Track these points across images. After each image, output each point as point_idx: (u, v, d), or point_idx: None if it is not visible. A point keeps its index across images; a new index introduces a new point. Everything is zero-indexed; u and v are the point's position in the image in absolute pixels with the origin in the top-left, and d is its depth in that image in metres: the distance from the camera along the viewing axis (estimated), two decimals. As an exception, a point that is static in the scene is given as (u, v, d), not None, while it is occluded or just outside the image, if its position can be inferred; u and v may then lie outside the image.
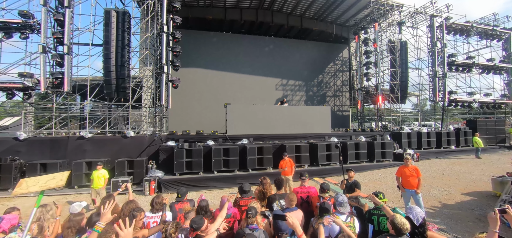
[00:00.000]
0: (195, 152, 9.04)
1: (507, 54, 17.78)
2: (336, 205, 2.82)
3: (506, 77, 17.91)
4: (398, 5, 16.08)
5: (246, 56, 17.75)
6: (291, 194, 3.25)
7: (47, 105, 10.54)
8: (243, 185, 3.88)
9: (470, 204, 6.46)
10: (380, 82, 15.65)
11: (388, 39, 16.19)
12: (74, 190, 8.32)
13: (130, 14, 10.50)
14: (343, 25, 19.52)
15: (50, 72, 8.94)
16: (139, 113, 12.49)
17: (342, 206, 2.76)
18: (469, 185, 8.09)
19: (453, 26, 16.19)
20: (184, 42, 13.63)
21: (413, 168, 5.48)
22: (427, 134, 13.95)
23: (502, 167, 9.68)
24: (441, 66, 15.49)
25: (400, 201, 6.67)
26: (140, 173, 8.73)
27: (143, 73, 12.10)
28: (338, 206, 2.79)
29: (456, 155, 13.77)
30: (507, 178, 6.48)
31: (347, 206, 2.78)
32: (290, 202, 3.16)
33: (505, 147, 15.43)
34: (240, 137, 10.68)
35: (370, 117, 19.40)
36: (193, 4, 16.06)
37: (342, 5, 16.90)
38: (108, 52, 9.75)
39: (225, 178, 9.01)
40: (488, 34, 17.40)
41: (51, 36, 9.06)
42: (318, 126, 12.77)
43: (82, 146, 9.16)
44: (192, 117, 15.19)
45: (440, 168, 10.77)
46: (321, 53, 19.74)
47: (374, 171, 10.66)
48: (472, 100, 16.47)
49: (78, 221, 2.72)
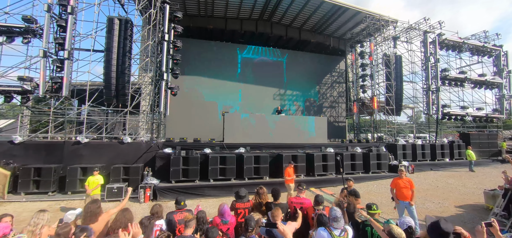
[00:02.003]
0: (191, 160, 9.05)
1: (497, 70, 18.36)
2: (330, 219, 2.81)
3: (497, 92, 18.41)
4: (392, 20, 16.64)
5: (245, 65, 18.04)
6: (276, 210, 3.09)
7: (44, 109, 10.51)
8: (239, 190, 3.96)
9: (463, 217, 6.55)
10: (376, 94, 16.02)
11: (383, 53, 16.66)
12: (68, 196, 8.21)
13: (132, 22, 10.69)
14: (340, 38, 20.04)
15: (49, 76, 8.99)
16: (136, 119, 12.49)
17: (336, 221, 2.75)
18: (463, 198, 8.21)
19: (446, 42, 16.74)
20: (185, 50, 13.86)
21: (407, 180, 5.56)
22: (422, 146, 14.16)
23: (494, 181, 9.84)
24: (434, 80, 15.91)
25: (394, 213, 6.74)
26: (135, 179, 8.67)
27: (143, 80, 12.20)
28: (332, 221, 2.77)
29: (450, 167, 13.95)
30: (499, 192, 6.62)
31: (342, 221, 2.77)
32: (274, 218, 3.01)
33: (498, 160, 15.69)
34: (237, 146, 10.73)
35: (366, 128, 19.64)
36: (195, 14, 16.42)
37: (339, 19, 17.43)
38: (109, 59, 9.86)
39: (221, 186, 8.99)
40: (479, 50, 18.01)
41: (53, 41, 9.17)
42: (315, 136, 12.90)
43: (78, 151, 9.11)
44: (190, 125, 15.23)
45: (435, 180, 10.89)
46: (318, 65, 20.15)
47: (369, 182, 10.74)
48: (465, 114, 16.84)
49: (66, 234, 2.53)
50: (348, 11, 16.46)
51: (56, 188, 8.43)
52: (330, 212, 2.91)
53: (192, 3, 15.41)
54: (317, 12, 16.79)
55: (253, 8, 16.21)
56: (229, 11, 16.41)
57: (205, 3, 15.34)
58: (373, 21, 16.10)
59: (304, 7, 16.32)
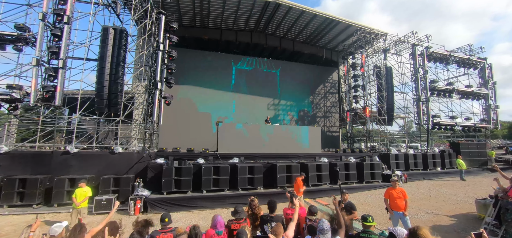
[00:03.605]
0: (184, 170, 8.88)
1: (483, 82, 19.09)
2: (318, 231, 2.80)
3: (484, 103, 19.06)
4: (382, 34, 17.26)
5: (240, 75, 18.21)
6: (277, 227, 3.05)
7: (33, 118, 10.24)
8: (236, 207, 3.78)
9: (457, 226, 6.58)
10: (368, 104, 16.34)
11: (374, 64, 17.14)
12: (54, 209, 7.87)
13: (127, 32, 10.73)
14: (332, 49, 20.59)
15: (41, 85, 8.82)
16: (129, 129, 12.28)
17: (322, 234, 2.74)
18: (455, 207, 8.28)
19: (433, 55, 17.40)
20: (180, 60, 13.92)
21: (400, 190, 5.58)
22: (414, 156, 14.37)
23: (485, 190, 9.99)
24: (424, 91, 16.38)
25: (388, 224, 6.73)
26: (126, 191, 8.41)
27: (136, 89, 12.12)
28: (319, 233, 2.76)
29: (442, 176, 14.14)
30: (489, 201, 6.71)
31: (328, 234, 2.76)
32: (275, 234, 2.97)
33: (487, 169, 16.01)
34: (231, 156, 10.63)
35: (359, 138, 19.86)
36: (190, 24, 16.64)
37: (332, 31, 17.98)
38: (103, 67, 9.79)
39: (214, 197, 8.81)
40: (465, 63, 18.76)
41: (46, 49, 9.07)
42: (309, 146, 12.94)
43: (67, 161, 8.82)
44: (183, 135, 15.07)
45: (428, 190, 10.99)
46: (311, 75, 20.54)
47: (363, 192, 10.74)
48: (454, 123, 17.29)
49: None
50: (340, 24, 17.01)
51: (42, 200, 8.07)
52: (318, 224, 2.88)
53: (187, 14, 15.64)
54: (310, 24, 17.28)
55: (248, 20, 16.57)
56: (224, 22, 16.71)
57: (201, 14, 15.60)
58: (363, 34, 16.66)
59: (297, 20, 16.79)
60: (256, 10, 15.69)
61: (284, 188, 9.61)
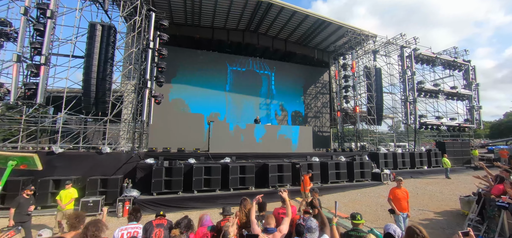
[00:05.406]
0: (175, 170, 8.74)
1: (467, 83, 19.86)
2: (305, 229, 2.82)
3: (468, 104, 19.84)
4: (372, 35, 17.62)
5: (232, 75, 18.12)
6: (269, 217, 3.21)
7: (16, 116, 9.80)
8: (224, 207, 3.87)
9: (442, 223, 6.80)
10: (358, 104, 16.67)
11: (364, 65, 17.48)
12: (36, 212, 7.53)
13: (116, 28, 10.43)
14: (324, 50, 20.84)
15: (23, 82, 8.44)
16: (117, 128, 11.96)
17: (310, 232, 2.76)
18: (441, 204, 8.56)
19: (421, 57, 17.93)
20: (171, 58, 13.68)
21: (404, 190, 5.44)
22: (402, 155, 14.76)
23: (468, 187, 10.38)
24: (411, 92, 16.87)
25: (377, 222, 6.88)
26: (114, 192, 8.19)
27: (125, 87, 11.82)
28: (307, 231, 2.78)
29: (429, 174, 14.60)
30: (473, 198, 6.98)
31: (316, 232, 2.78)
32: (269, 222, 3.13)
33: (471, 167, 16.67)
34: (223, 155, 10.56)
35: (350, 137, 20.22)
36: (182, 23, 16.39)
37: (323, 32, 18.19)
38: (90, 65, 9.48)
39: (205, 197, 8.73)
40: (450, 65, 19.44)
41: (29, 45, 8.69)
42: (300, 145, 13.04)
43: (51, 161, 8.48)
44: (174, 134, 14.82)
45: (415, 188, 11.31)
46: (303, 76, 20.72)
47: (353, 190, 10.93)
48: (440, 123, 17.90)
49: None
50: (331, 25, 17.24)
51: (24, 203, 7.71)
52: (305, 222, 2.91)
53: (178, 12, 15.40)
54: (302, 25, 17.41)
55: (240, 19, 16.51)
56: (216, 21, 16.57)
57: (192, 12, 15.40)
58: (354, 35, 16.95)
59: (289, 20, 16.87)
60: (249, 10, 15.64)
61: (276, 188, 9.65)
